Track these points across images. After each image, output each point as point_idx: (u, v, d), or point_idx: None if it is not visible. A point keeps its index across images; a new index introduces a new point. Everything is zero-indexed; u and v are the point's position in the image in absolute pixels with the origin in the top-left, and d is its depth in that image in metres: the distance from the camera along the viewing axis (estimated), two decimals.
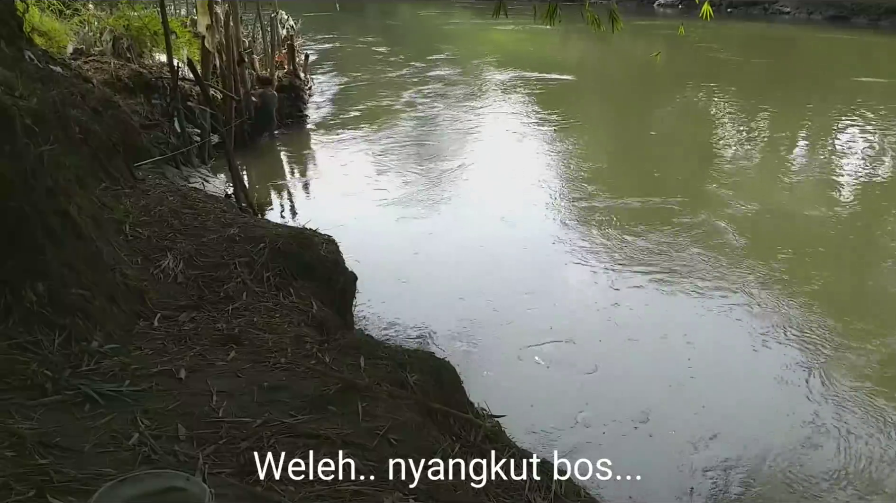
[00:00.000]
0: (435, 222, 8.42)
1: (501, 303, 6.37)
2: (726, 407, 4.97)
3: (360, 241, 7.12)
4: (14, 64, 4.36)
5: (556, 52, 22.89)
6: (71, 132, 4.78)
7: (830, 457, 4.49)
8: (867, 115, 13.68)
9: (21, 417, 2.41)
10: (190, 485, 1.77)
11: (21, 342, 2.78)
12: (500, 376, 5.27)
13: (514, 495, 2.87)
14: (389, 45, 23.77)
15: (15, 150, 3.00)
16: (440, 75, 18.32)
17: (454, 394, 3.63)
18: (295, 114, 13.06)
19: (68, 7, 11.02)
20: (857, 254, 7.80)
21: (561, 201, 9.18)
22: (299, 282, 4.50)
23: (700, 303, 6.47)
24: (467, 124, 13.31)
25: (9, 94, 3.29)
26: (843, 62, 20.76)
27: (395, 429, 2.81)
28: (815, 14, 29.17)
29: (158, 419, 2.58)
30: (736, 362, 5.56)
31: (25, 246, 2.95)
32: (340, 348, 3.54)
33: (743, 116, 14.18)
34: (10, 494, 2.01)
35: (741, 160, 11.21)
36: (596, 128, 14.12)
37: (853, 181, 10.10)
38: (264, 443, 2.54)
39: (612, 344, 5.78)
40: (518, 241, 7.85)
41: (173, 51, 9.14)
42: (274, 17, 14.43)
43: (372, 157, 11.37)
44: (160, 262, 4.11)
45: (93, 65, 9.41)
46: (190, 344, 3.30)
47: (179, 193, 5.91)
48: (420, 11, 37.46)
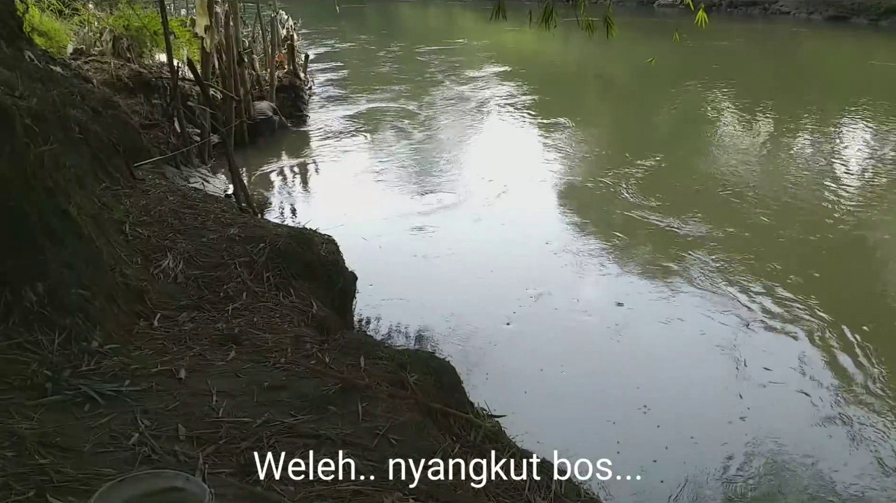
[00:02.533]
0: (435, 221, 8.42)
1: (502, 301, 6.37)
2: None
3: (361, 241, 7.13)
4: (14, 64, 4.36)
5: (556, 49, 22.88)
6: (71, 132, 4.78)
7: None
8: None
9: (21, 417, 2.41)
10: (190, 485, 1.78)
11: (21, 342, 2.78)
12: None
13: (514, 495, 2.88)
14: (390, 46, 23.76)
15: (15, 150, 3.00)
16: (441, 77, 18.32)
17: (454, 394, 3.63)
18: (295, 114, 13.06)
19: (68, 7, 11.01)
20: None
21: (573, 199, 9.20)
22: (299, 282, 4.50)
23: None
24: (467, 127, 13.31)
25: (9, 94, 3.29)
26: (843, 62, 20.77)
27: (395, 429, 2.81)
28: (815, 14, 29.14)
29: (158, 419, 2.58)
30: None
31: (25, 246, 2.95)
32: (340, 348, 3.54)
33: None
34: (10, 494, 2.01)
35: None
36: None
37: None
38: (264, 443, 2.54)
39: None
40: (518, 239, 7.87)
41: (173, 51, 9.13)
42: (274, 17, 14.42)
43: (372, 156, 11.38)
44: (160, 262, 4.11)
45: (93, 65, 9.41)
46: (190, 344, 3.31)
47: (179, 193, 5.91)
48: (420, 12, 37.47)
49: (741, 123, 13.55)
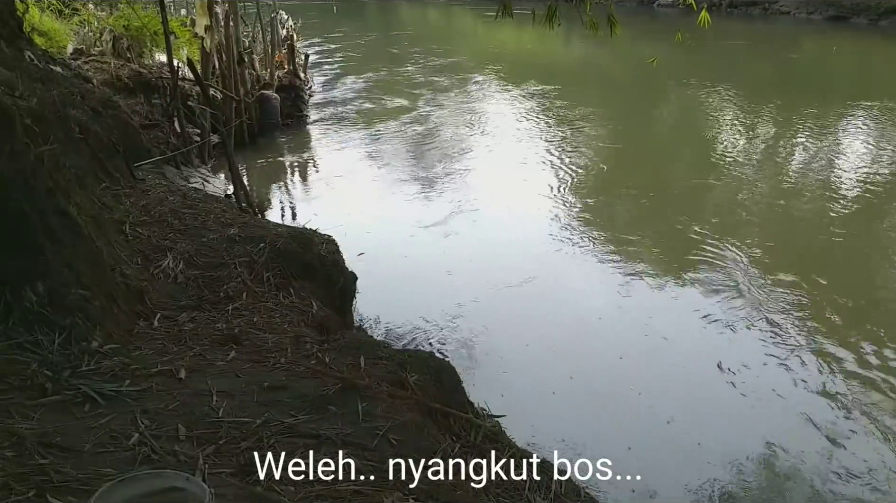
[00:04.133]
0: (435, 221, 8.41)
1: (502, 302, 6.37)
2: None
3: (361, 241, 7.12)
4: (14, 64, 4.36)
5: (556, 49, 22.89)
6: (71, 132, 4.79)
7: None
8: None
9: (21, 417, 2.41)
10: (190, 485, 1.77)
11: (21, 342, 2.78)
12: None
13: (514, 495, 2.88)
14: (389, 46, 23.76)
15: (15, 150, 3.00)
16: (440, 77, 18.31)
17: (454, 394, 3.63)
18: (295, 114, 13.06)
19: (68, 7, 11.02)
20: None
21: (566, 205, 9.19)
22: (299, 282, 4.51)
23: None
24: (467, 128, 13.30)
25: (9, 94, 3.29)
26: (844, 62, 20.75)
27: (395, 429, 2.81)
28: (815, 14, 29.13)
29: (158, 419, 2.58)
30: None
31: (25, 246, 2.95)
32: (340, 348, 3.55)
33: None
34: (10, 494, 2.01)
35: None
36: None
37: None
38: (264, 443, 2.54)
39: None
40: (519, 238, 7.87)
41: (173, 51, 9.13)
42: (274, 17, 14.43)
43: (372, 156, 11.37)
44: (160, 262, 4.11)
45: (93, 65, 9.41)
46: (190, 344, 3.31)
47: (179, 193, 5.91)
48: (420, 12, 37.47)
49: (750, 124, 13.56)
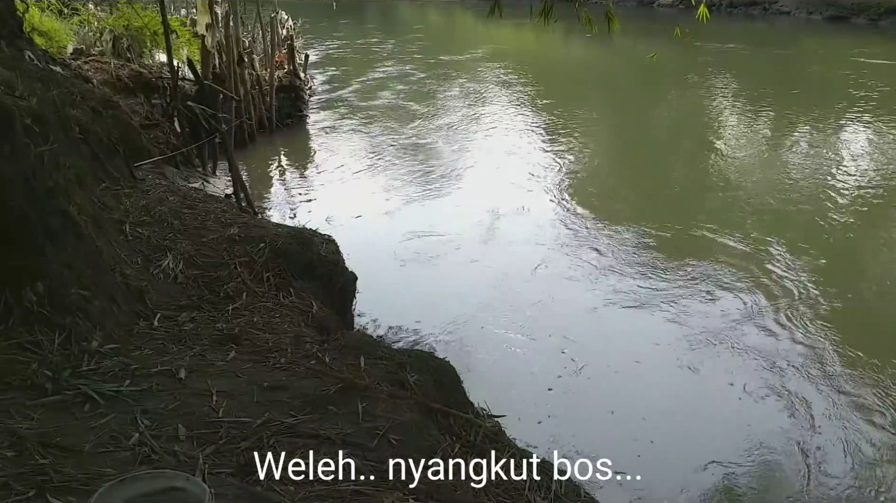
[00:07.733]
0: (435, 221, 8.41)
1: (502, 301, 6.37)
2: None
3: (361, 241, 7.12)
4: (14, 64, 4.36)
5: (557, 49, 22.89)
6: (71, 132, 4.78)
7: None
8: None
9: (21, 417, 2.41)
10: (190, 485, 1.78)
11: (21, 342, 2.78)
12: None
13: (514, 495, 2.88)
14: (389, 46, 23.75)
15: (15, 150, 3.00)
16: (440, 76, 18.30)
17: (454, 394, 3.63)
18: (295, 114, 13.07)
19: (68, 7, 11.01)
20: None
21: (562, 207, 9.19)
22: (299, 282, 4.50)
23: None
24: (467, 128, 13.30)
25: (9, 94, 3.30)
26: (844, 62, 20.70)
27: (395, 429, 2.81)
28: (815, 14, 29.13)
29: (158, 419, 2.58)
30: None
31: (25, 246, 2.95)
32: (340, 348, 3.55)
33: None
34: (10, 494, 2.01)
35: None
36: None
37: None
38: (264, 443, 2.54)
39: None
40: (519, 238, 7.86)
41: (173, 51, 9.13)
42: (274, 17, 14.42)
43: (372, 156, 11.36)
44: (160, 262, 4.10)
45: (93, 65, 9.41)
46: (190, 344, 3.30)
47: (179, 193, 5.90)
48: (420, 12, 37.45)
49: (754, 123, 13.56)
